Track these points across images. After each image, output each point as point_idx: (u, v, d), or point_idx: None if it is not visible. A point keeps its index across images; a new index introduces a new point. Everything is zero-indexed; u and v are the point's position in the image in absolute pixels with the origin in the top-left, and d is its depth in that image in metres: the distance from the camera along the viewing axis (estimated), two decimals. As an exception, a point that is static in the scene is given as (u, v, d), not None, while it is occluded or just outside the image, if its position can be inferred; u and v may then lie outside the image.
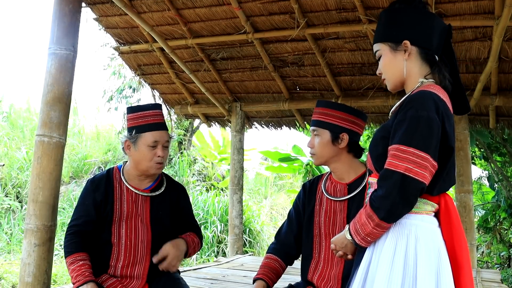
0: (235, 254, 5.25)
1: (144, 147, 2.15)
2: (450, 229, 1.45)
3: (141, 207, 2.20)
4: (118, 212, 2.16)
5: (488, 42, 3.91)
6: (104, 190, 2.17)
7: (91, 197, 2.16)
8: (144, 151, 2.15)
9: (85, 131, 11.08)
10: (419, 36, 1.53)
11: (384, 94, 4.66)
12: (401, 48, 1.53)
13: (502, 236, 7.37)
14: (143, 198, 2.21)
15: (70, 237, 2.12)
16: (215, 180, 10.29)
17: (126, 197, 2.19)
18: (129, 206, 2.18)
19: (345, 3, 3.86)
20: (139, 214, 2.18)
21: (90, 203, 2.15)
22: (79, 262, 2.04)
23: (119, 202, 2.18)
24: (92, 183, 2.21)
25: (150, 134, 2.15)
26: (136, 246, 2.14)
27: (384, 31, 1.58)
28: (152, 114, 2.20)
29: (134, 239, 2.15)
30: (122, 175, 2.23)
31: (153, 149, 2.15)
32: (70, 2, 2.66)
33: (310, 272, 2.06)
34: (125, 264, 2.13)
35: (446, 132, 1.42)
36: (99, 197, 2.16)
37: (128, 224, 2.16)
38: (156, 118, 2.20)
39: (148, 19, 4.42)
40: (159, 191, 2.25)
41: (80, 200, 2.20)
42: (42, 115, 2.57)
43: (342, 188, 2.05)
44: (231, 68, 4.98)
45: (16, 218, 7.67)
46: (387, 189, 1.37)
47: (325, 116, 2.03)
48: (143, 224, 2.17)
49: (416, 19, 1.54)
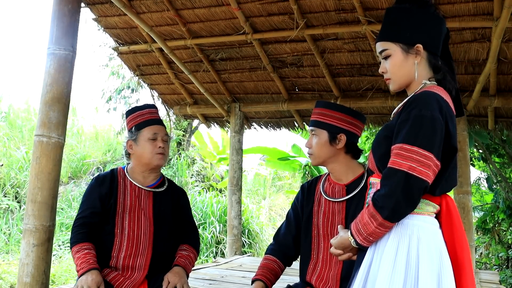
0: (233, 254, 5.25)
1: (144, 141, 2.27)
2: (452, 230, 1.45)
3: (144, 201, 2.29)
4: (122, 205, 2.25)
5: (487, 43, 3.91)
6: (109, 185, 2.27)
7: (96, 191, 2.26)
8: (145, 144, 2.27)
9: (84, 131, 11.07)
10: (431, 41, 1.52)
11: (383, 95, 4.65)
12: (413, 51, 1.51)
13: (501, 237, 7.37)
14: (146, 193, 2.31)
15: (77, 228, 2.20)
16: (214, 181, 10.28)
17: (129, 191, 2.29)
18: (132, 199, 2.27)
19: (344, 4, 3.86)
20: (142, 208, 2.27)
21: (96, 197, 2.24)
22: (84, 251, 2.10)
23: (122, 195, 2.27)
24: (97, 179, 2.31)
25: (149, 128, 2.29)
26: (139, 238, 2.20)
27: (396, 30, 1.54)
28: (148, 112, 2.34)
29: (137, 231, 2.22)
30: (126, 172, 2.34)
31: (153, 141, 2.27)
32: (69, 2, 2.65)
33: (309, 273, 2.06)
34: (127, 254, 2.17)
35: (450, 132, 1.42)
36: (104, 190, 2.25)
37: (131, 216, 2.24)
38: (152, 115, 2.34)
39: (147, 20, 4.42)
40: (161, 188, 2.35)
41: (86, 195, 2.30)
42: (41, 115, 2.57)
43: (340, 189, 2.05)
44: (230, 69, 4.98)
45: (14, 218, 7.66)
46: (391, 188, 1.36)
47: (323, 116, 2.03)
48: (145, 217, 2.25)
49: (429, 23, 1.53)
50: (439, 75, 1.53)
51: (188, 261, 2.29)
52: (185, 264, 2.26)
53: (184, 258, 2.28)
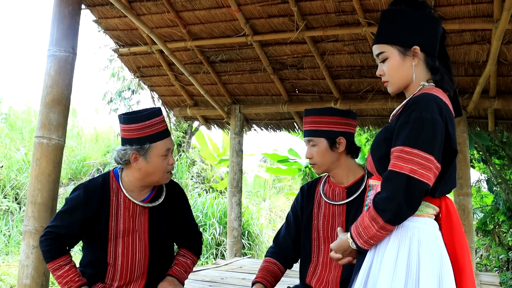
0: (233, 256, 5.25)
1: (156, 157, 2.00)
2: (452, 232, 1.45)
3: (139, 222, 2.07)
4: (114, 229, 2.03)
5: (487, 45, 3.91)
6: (97, 206, 2.01)
7: (80, 210, 2.01)
8: (157, 162, 2.01)
9: (84, 133, 11.07)
10: (428, 43, 1.52)
11: (383, 96, 4.66)
12: (410, 53, 1.51)
13: (501, 239, 7.36)
14: (141, 210, 2.08)
15: (49, 241, 1.99)
16: (214, 182, 10.28)
17: (123, 211, 2.05)
18: (125, 221, 2.05)
19: (344, 6, 3.87)
20: (137, 229, 2.06)
21: (78, 219, 2.00)
22: (65, 267, 1.96)
23: (115, 217, 2.04)
24: (86, 192, 2.04)
25: (163, 143, 2.01)
26: (133, 266, 2.06)
27: (393, 32, 1.53)
28: (159, 121, 2.03)
29: (132, 259, 2.05)
30: (120, 185, 2.07)
31: (165, 158, 2.03)
32: (69, 4, 2.66)
33: (309, 275, 2.06)
34: (121, 283, 2.05)
35: (449, 135, 1.42)
36: (90, 213, 2.00)
37: (125, 242, 2.04)
38: (163, 124, 2.05)
39: (148, 21, 4.42)
40: (158, 201, 2.11)
41: (68, 208, 2.04)
42: (41, 116, 2.57)
43: (341, 191, 2.05)
44: (230, 71, 4.98)
45: (14, 219, 7.65)
46: (392, 191, 1.36)
47: (317, 124, 2.02)
48: (140, 241, 2.07)
49: (425, 25, 1.52)
50: (437, 77, 1.53)
51: (184, 269, 2.17)
52: (180, 273, 2.15)
53: (180, 266, 2.17)
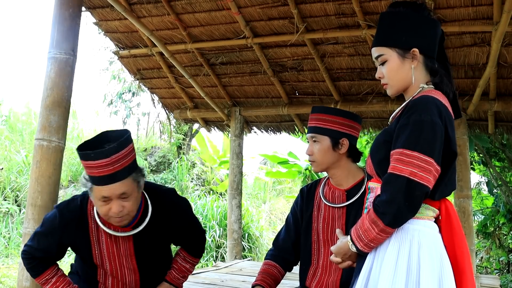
0: (233, 259, 5.24)
1: (96, 200, 1.80)
2: (451, 235, 1.45)
3: (123, 248, 1.94)
4: (99, 255, 1.93)
5: (487, 47, 3.92)
6: (74, 233, 1.89)
7: (56, 235, 1.89)
8: (97, 204, 1.80)
9: (84, 135, 11.06)
10: (427, 45, 1.52)
11: (383, 99, 4.66)
12: (409, 55, 1.51)
13: (502, 241, 7.35)
14: (125, 238, 1.93)
15: (29, 261, 1.94)
16: (214, 184, 10.27)
17: (104, 238, 1.91)
18: (109, 248, 1.92)
19: (344, 9, 3.87)
20: (123, 255, 1.95)
21: (53, 243, 1.91)
22: (51, 280, 1.95)
23: (97, 245, 1.91)
24: (61, 217, 1.88)
25: (99, 189, 1.75)
26: (124, 284, 2.02)
27: (391, 35, 1.53)
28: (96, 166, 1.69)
29: (122, 279, 2.00)
30: (95, 215, 1.90)
31: (105, 203, 1.77)
32: (70, 6, 2.66)
33: (309, 278, 2.06)
34: None
35: (449, 137, 1.42)
36: (67, 239, 1.91)
37: (113, 265, 1.96)
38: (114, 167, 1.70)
39: (148, 24, 4.43)
40: (142, 225, 1.90)
41: (43, 230, 1.92)
42: (41, 119, 2.57)
43: (341, 194, 2.04)
44: (230, 73, 4.98)
45: (14, 222, 7.64)
46: (392, 194, 1.36)
47: (323, 122, 2.02)
48: (128, 264, 1.98)
49: (424, 27, 1.52)
50: (436, 79, 1.53)
51: (182, 275, 2.15)
52: (176, 278, 2.13)
53: (178, 271, 2.14)
